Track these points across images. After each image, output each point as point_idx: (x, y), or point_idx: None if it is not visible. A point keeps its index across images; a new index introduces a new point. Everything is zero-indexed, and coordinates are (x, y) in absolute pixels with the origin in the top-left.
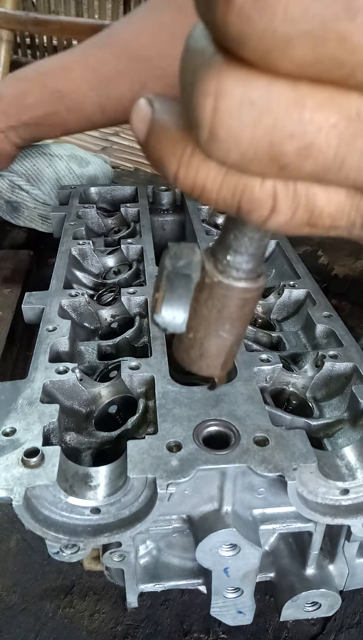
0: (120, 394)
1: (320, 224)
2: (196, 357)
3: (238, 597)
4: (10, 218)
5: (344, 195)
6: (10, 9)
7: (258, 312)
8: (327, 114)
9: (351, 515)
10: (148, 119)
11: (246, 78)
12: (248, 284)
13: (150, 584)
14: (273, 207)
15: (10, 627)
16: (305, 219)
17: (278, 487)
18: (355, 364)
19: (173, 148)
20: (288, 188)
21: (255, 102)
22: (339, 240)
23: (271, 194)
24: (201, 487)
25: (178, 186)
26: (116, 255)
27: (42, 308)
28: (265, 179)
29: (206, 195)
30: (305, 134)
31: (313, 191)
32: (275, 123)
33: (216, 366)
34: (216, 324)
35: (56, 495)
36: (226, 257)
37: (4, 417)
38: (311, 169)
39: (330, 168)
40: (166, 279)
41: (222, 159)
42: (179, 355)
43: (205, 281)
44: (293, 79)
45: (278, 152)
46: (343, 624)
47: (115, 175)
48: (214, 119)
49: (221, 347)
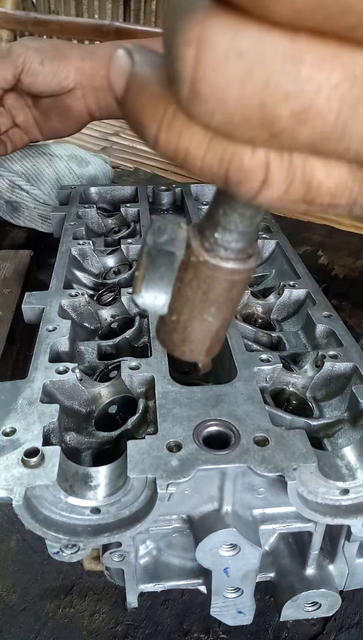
0: (120, 394)
1: (318, 201)
2: (179, 341)
3: (238, 597)
4: (10, 218)
5: (346, 170)
6: (10, 9)
7: (258, 312)
8: (328, 72)
9: (351, 515)
10: (127, 72)
11: (236, 25)
12: (236, 264)
13: (150, 584)
14: (265, 179)
15: (10, 627)
16: (300, 194)
17: (278, 487)
18: (355, 364)
19: (153, 106)
20: (283, 158)
21: (244, 54)
22: (339, 240)
23: (263, 164)
24: (201, 487)
25: (159, 151)
26: (116, 255)
27: (42, 308)
28: (257, 148)
29: (189, 162)
30: (302, 94)
31: (311, 163)
32: (268, 80)
33: (200, 351)
34: (201, 307)
35: (56, 495)
36: (214, 235)
37: (4, 417)
38: (309, 137)
39: (330, 136)
40: (147, 255)
41: (206, 121)
42: (162, 338)
43: (190, 260)
44: (291, 30)
45: (270, 115)
46: (343, 624)
47: (115, 175)
48: (196, 72)
49: (206, 331)
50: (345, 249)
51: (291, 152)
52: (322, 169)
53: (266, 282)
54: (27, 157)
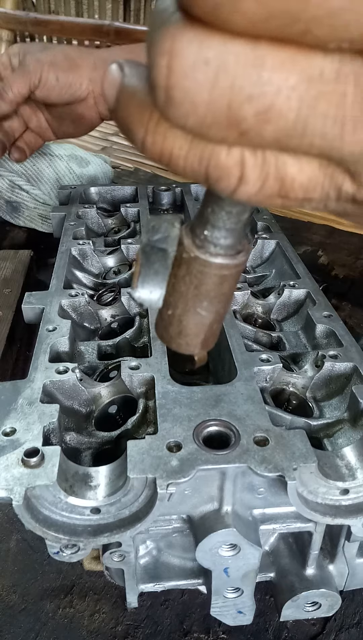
0: (120, 394)
1: (293, 196)
2: (175, 334)
3: (238, 597)
4: (10, 218)
5: (316, 166)
6: (10, 9)
7: (258, 312)
8: (286, 75)
9: (351, 515)
10: (118, 83)
11: (202, 37)
12: (225, 260)
13: (150, 584)
14: (241, 175)
15: (10, 627)
16: (275, 189)
17: (278, 487)
18: (355, 364)
19: (140, 114)
20: (256, 156)
21: (210, 61)
22: (339, 240)
23: (238, 161)
24: (201, 487)
25: (146, 154)
26: (116, 255)
27: (42, 308)
28: (232, 147)
29: (173, 163)
30: (263, 95)
31: (283, 160)
32: (232, 84)
33: (195, 344)
34: (194, 301)
35: (56, 495)
36: (204, 232)
37: (4, 417)
38: (274, 135)
39: (293, 134)
40: (142, 253)
41: (181, 123)
42: (159, 332)
43: (183, 256)
44: (251, 38)
45: (237, 115)
46: (343, 624)
47: (115, 175)
48: (169, 79)
49: (200, 325)
50: (345, 249)
51: (264, 150)
52: (294, 165)
53: (266, 282)
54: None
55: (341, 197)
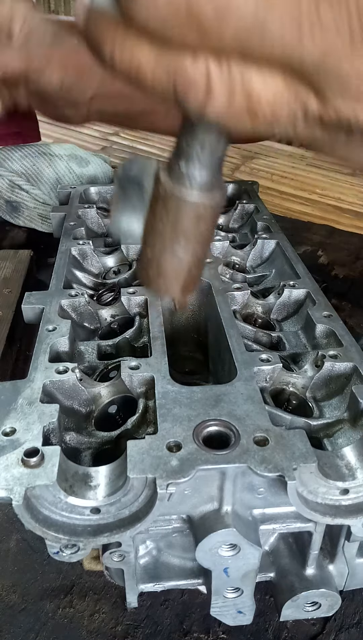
0: (120, 393)
1: (261, 113)
2: (154, 275)
3: (238, 597)
4: (10, 218)
5: (281, 81)
6: None
7: (258, 312)
8: None
9: (351, 515)
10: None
11: None
12: (201, 196)
13: (150, 584)
14: (207, 87)
15: (10, 627)
16: (243, 105)
17: (278, 487)
18: (355, 364)
19: (107, 30)
20: (222, 68)
21: None
22: (339, 240)
23: (204, 72)
24: (201, 487)
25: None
26: (116, 255)
27: (42, 308)
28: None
29: (142, 77)
30: None
31: (249, 75)
32: None
33: (174, 288)
34: (170, 239)
35: (56, 495)
36: (179, 166)
37: (4, 417)
38: (233, 37)
39: (252, 37)
40: (119, 187)
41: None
42: (140, 274)
43: (159, 192)
44: None
45: (197, 12)
46: (343, 624)
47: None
48: None
49: (178, 267)
50: (345, 249)
51: (229, 62)
52: (258, 80)
53: (266, 282)
54: (27, 157)
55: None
